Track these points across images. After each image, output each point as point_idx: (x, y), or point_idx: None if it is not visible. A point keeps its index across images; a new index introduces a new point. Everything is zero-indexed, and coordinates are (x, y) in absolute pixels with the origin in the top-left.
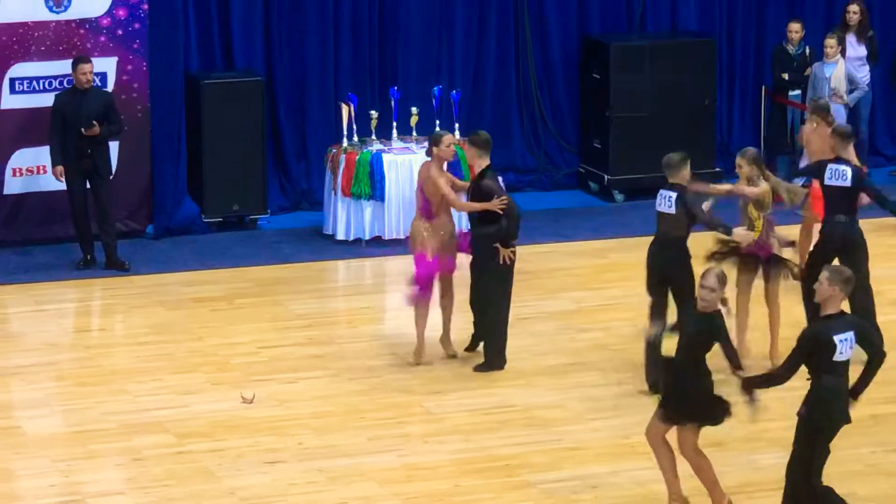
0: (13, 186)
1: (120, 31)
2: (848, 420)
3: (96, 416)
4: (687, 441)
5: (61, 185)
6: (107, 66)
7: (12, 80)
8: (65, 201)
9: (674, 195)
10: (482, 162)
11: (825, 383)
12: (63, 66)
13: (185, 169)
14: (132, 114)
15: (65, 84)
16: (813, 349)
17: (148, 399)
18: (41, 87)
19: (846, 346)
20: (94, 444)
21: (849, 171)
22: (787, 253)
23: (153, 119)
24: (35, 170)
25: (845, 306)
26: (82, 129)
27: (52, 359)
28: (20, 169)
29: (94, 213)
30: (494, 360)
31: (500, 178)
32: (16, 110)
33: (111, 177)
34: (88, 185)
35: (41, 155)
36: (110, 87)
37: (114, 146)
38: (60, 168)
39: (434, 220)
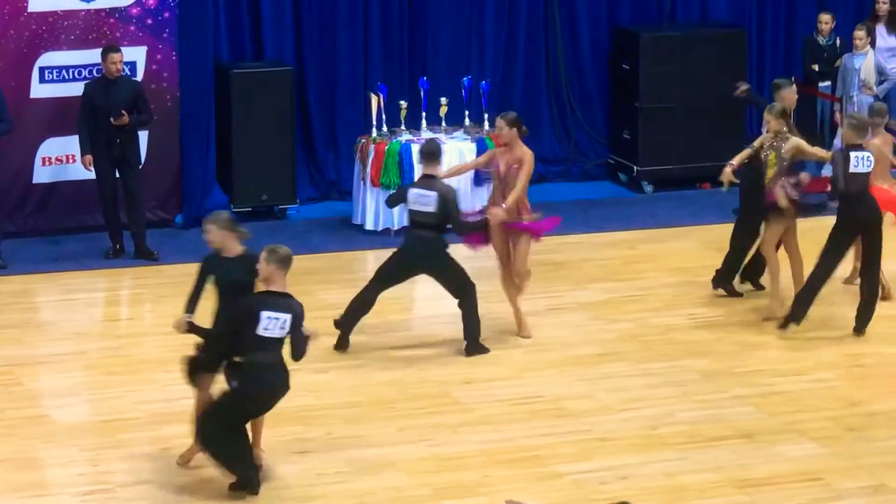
0: (42, 175)
1: (150, 21)
2: (284, 390)
3: (125, 406)
4: None
5: (90, 175)
6: (136, 55)
7: (42, 70)
8: (94, 190)
9: None
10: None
11: (256, 359)
12: (92, 56)
13: (214, 158)
14: (161, 103)
15: (94, 73)
16: (243, 319)
17: (177, 388)
18: (71, 77)
19: (275, 325)
20: (122, 433)
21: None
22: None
23: (182, 108)
24: (64, 159)
25: None
26: (111, 119)
27: (81, 348)
28: (49, 158)
29: (124, 202)
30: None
31: None
32: (45, 99)
33: (140, 166)
34: (118, 175)
35: (70, 144)
36: (140, 77)
37: (143, 135)
38: (89, 157)
39: None
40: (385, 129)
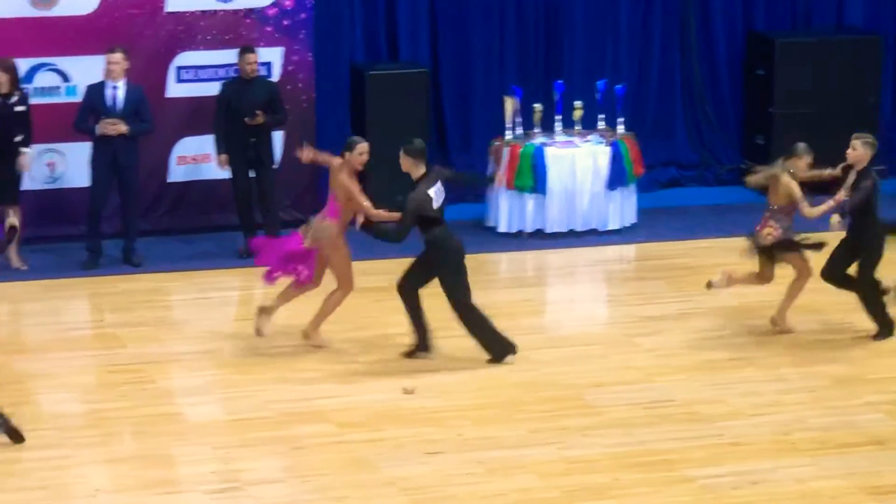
0: (177, 174)
1: (286, 22)
2: None
3: (256, 405)
4: None
5: (225, 174)
6: (272, 55)
7: (178, 69)
8: (228, 190)
9: None
10: (417, 171)
11: None
12: (229, 56)
13: None
14: (297, 104)
15: (230, 73)
16: None
17: (308, 388)
18: (207, 77)
19: None
20: (254, 432)
21: None
22: None
23: (318, 109)
24: (199, 158)
25: None
26: (246, 119)
27: (213, 346)
28: (185, 157)
29: (258, 202)
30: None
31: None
32: (181, 99)
33: (275, 166)
34: (252, 174)
35: (205, 143)
36: (276, 77)
37: (278, 136)
38: (224, 157)
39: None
40: (519, 131)
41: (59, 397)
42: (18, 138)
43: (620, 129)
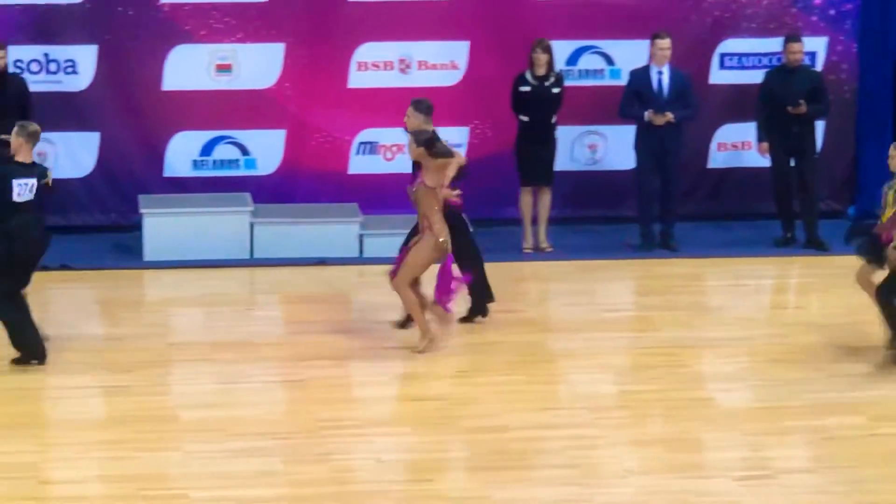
0: (717, 160)
1: (832, 11)
2: (46, 244)
3: (788, 394)
4: None
5: (765, 162)
6: (817, 45)
7: (722, 56)
8: (767, 178)
9: None
10: (428, 127)
11: (17, 221)
12: (773, 44)
13: None
14: (839, 94)
15: (773, 62)
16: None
17: (840, 380)
18: (750, 64)
19: (24, 189)
20: (784, 420)
21: None
22: None
23: (860, 101)
24: (739, 145)
25: None
26: (788, 108)
27: (747, 333)
28: (725, 144)
29: (797, 191)
30: None
31: None
32: (723, 85)
33: (816, 156)
34: (792, 163)
35: (746, 131)
36: (819, 67)
37: (819, 125)
38: (765, 144)
39: None
40: None
41: (593, 377)
42: (554, 120)
43: None
